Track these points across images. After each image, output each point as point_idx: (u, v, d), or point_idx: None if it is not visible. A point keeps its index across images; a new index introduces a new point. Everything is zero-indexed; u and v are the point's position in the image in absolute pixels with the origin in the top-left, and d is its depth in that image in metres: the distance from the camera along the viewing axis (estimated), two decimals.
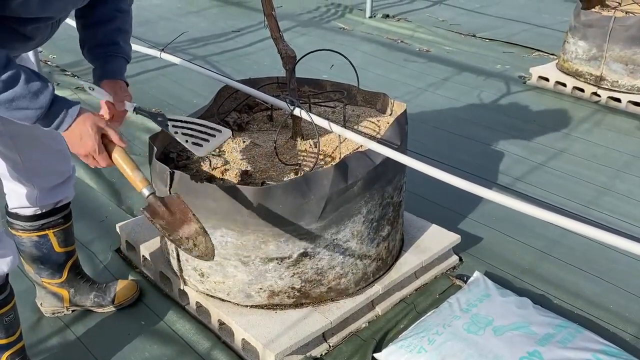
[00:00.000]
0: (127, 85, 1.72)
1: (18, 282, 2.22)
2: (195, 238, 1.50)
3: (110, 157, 1.53)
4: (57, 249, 1.98)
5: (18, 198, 1.86)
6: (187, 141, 1.64)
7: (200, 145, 1.64)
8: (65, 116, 1.45)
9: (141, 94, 4.01)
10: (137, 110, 1.68)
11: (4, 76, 1.34)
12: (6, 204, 1.91)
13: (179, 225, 1.50)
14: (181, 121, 1.67)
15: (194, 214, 1.53)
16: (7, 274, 1.66)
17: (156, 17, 5.84)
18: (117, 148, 1.53)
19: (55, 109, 1.43)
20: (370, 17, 5.89)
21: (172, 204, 1.52)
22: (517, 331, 1.83)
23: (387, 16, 5.92)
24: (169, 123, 1.66)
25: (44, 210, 1.91)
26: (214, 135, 1.67)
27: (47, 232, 1.93)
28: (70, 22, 1.82)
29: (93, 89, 1.66)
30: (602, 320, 2.11)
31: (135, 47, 2.61)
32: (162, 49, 2.46)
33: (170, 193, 1.86)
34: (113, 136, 1.51)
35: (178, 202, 1.53)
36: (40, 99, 1.39)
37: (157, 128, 1.81)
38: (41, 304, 2.11)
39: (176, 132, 1.65)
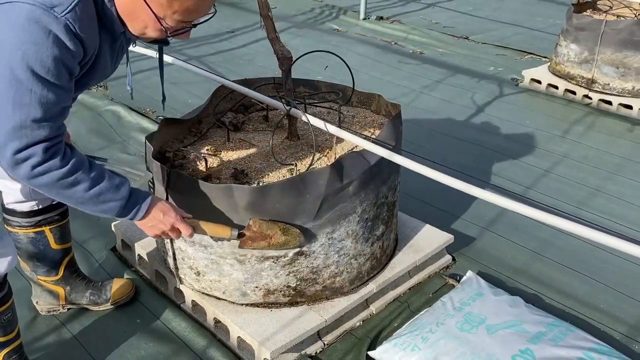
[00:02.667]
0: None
1: (14, 280, 2.21)
2: (282, 243, 1.81)
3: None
4: (54, 245, 1.98)
5: (13, 193, 1.86)
6: None
7: None
8: (140, 206, 1.60)
9: (135, 93, 3.97)
10: None
11: (92, 174, 1.50)
12: (2, 200, 1.91)
13: (265, 238, 1.79)
14: (109, 163, 1.88)
15: (269, 224, 1.79)
16: (6, 273, 1.67)
17: None
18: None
19: (133, 200, 1.58)
20: (364, 19, 5.91)
21: (253, 229, 1.78)
22: (510, 329, 1.86)
23: (381, 18, 5.95)
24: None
25: (40, 207, 1.91)
26: (135, 179, 1.91)
27: (43, 228, 1.94)
28: None
29: None
30: (593, 319, 2.14)
31: (131, 47, 2.62)
32: None
33: (167, 192, 1.87)
34: (183, 230, 1.66)
35: (256, 225, 1.78)
36: (121, 191, 1.55)
37: (152, 127, 1.84)
38: (37, 302, 2.11)
39: None
